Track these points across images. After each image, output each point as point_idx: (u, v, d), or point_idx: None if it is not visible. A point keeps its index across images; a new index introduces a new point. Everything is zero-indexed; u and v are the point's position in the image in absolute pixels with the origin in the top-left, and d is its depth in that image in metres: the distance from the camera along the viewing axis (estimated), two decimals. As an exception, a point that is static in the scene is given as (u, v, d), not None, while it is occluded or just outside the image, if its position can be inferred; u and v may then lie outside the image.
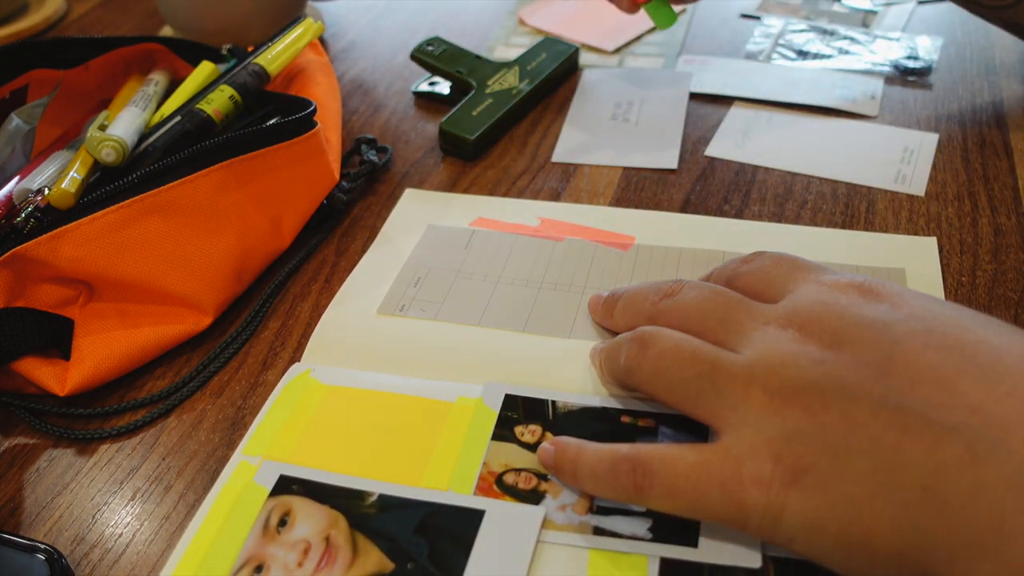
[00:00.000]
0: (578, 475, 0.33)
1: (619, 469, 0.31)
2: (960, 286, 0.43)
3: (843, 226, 0.47)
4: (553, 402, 0.37)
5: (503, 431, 0.36)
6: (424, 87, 0.64)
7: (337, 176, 0.51)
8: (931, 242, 0.45)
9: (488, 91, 0.58)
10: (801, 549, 0.28)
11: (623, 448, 0.31)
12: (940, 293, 0.42)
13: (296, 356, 0.42)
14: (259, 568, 0.32)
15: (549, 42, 0.64)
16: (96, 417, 0.40)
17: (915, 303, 0.30)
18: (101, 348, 0.41)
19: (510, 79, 0.60)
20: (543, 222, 0.49)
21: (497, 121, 0.56)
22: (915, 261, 0.44)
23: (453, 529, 0.33)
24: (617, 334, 0.39)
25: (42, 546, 0.33)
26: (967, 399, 0.26)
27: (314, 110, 0.47)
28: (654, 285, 0.37)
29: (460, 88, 0.61)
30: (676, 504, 0.30)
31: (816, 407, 0.28)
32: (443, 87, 0.63)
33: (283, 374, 0.41)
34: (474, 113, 0.56)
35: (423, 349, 0.41)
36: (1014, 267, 0.44)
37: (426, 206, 0.51)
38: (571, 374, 0.39)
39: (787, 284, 0.34)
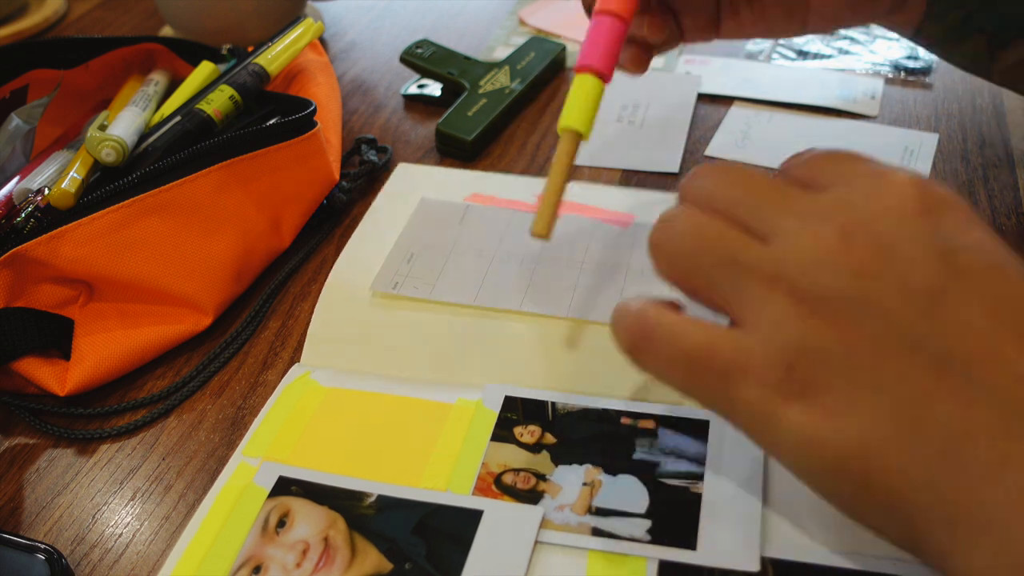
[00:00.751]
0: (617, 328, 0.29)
1: (625, 321, 0.29)
2: (960, 286, 0.43)
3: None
4: (553, 403, 0.37)
5: (502, 432, 0.36)
6: (413, 89, 0.63)
7: (337, 176, 0.51)
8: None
9: (481, 91, 0.58)
10: (787, 461, 0.26)
11: (637, 303, 0.29)
12: None
13: (296, 356, 0.42)
14: (257, 569, 0.32)
15: (537, 41, 0.64)
16: (96, 417, 0.40)
17: (982, 233, 0.27)
18: (101, 348, 0.41)
19: (502, 79, 0.60)
20: (539, 198, 0.48)
21: (493, 121, 0.56)
22: None
23: (451, 529, 0.33)
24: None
25: (42, 546, 0.33)
26: (1016, 367, 0.24)
27: (314, 110, 0.47)
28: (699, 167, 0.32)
29: (451, 89, 0.61)
30: (669, 378, 0.28)
31: (846, 324, 0.25)
32: (433, 89, 0.63)
33: (283, 374, 0.41)
34: (469, 114, 0.56)
35: (423, 342, 0.41)
36: (1014, 267, 0.44)
37: (419, 180, 0.51)
38: (572, 373, 0.39)
39: (840, 174, 0.28)
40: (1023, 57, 0.43)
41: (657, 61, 0.65)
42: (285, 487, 0.35)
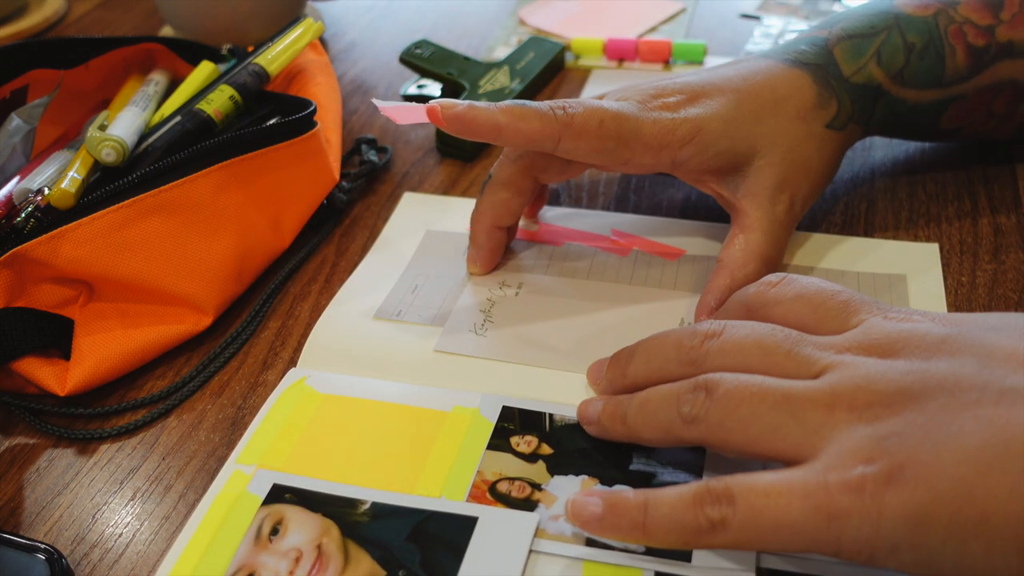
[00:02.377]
0: (650, 526, 0.29)
1: (703, 502, 0.28)
2: (960, 286, 0.43)
3: (843, 226, 0.47)
4: (551, 415, 0.37)
5: (498, 441, 0.36)
6: (413, 90, 0.64)
7: (337, 176, 0.51)
8: (933, 248, 0.45)
9: (481, 91, 0.58)
10: (908, 557, 0.26)
11: (692, 484, 0.29)
12: (942, 299, 0.42)
13: (296, 356, 0.42)
14: None
15: (536, 41, 0.64)
16: (96, 417, 0.40)
17: (994, 316, 0.30)
18: (101, 348, 0.41)
19: (501, 79, 0.60)
20: (542, 227, 0.49)
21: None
22: (917, 267, 0.44)
23: (445, 536, 0.33)
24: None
25: (42, 546, 0.33)
26: None
27: (314, 110, 0.47)
28: (682, 330, 0.34)
29: (451, 90, 0.61)
30: (760, 530, 0.27)
31: (911, 409, 0.27)
32: (433, 89, 0.63)
33: (283, 374, 0.41)
34: (471, 114, 0.56)
35: (419, 358, 0.41)
36: (1014, 267, 0.44)
37: (425, 210, 0.51)
38: (570, 386, 0.39)
39: (848, 317, 0.32)
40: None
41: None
42: (279, 495, 0.35)
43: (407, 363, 0.41)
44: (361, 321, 0.43)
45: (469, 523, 0.33)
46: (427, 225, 0.50)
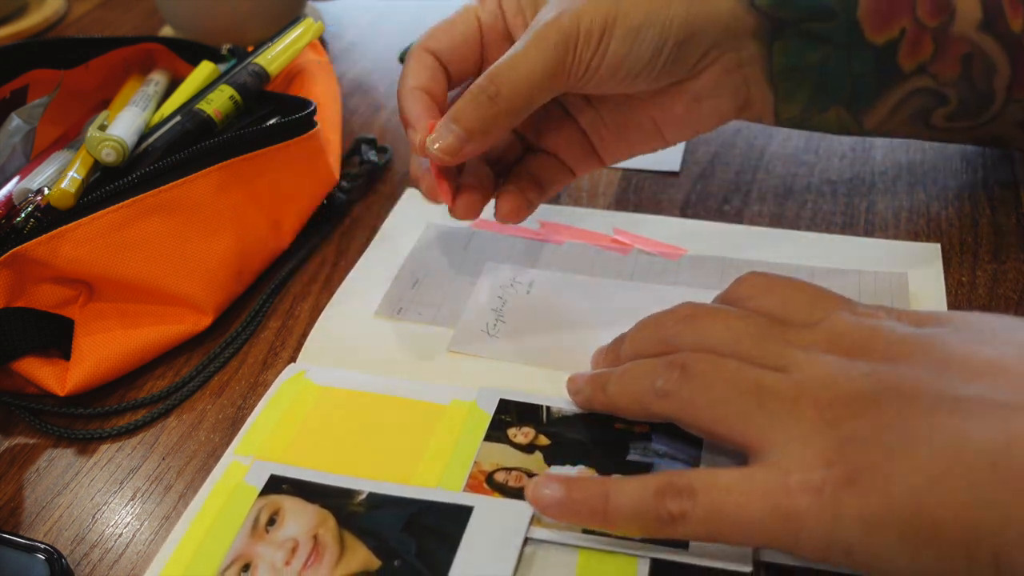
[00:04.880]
0: (611, 513, 0.30)
1: (664, 495, 0.29)
2: (960, 286, 0.43)
3: (843, 226, 0.47)
4: (548, 407, 0.37)
5: (495, 432, 0.36)
6: None
7: (337, 176, 0.51)
8: (934, 248, 0.45)
9: None
10: (862, 559, 0.26)
11: (655, 475, 0.30)
12: (943, 298, 0.42)
13: (296, 356, 0.42)
14: (246, 567, 0.32)
15: None
16: (96, 417, 0.40)
17: (958, 315, 0.30)
18: (101, 348, 0.41)
19: None
20: (543, 225, 0.49)
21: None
22: (918, 266, 0.44)
23: (441, 526, 0.33)
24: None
25: (42, 546, 0.33)
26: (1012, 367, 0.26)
27: (314, 110, 0.47)
28: (662, 313, 0.35)
29: None
30: (720, 525, 0.28)
31: (870, 413, 0.27)
32: None
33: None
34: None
35: (421, 362, 0.41)
36: (1014, 267, 0.44)
37: (426, 206, 0.51)
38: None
39: (814, 311, 0.32)
40: (893, 106, 0.43)
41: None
42: (276, 485, 0.35)
43: (410, 367, 0.41)
44: (362, 320, 0.43)
45: (464, 513, 0.33)
46: (428, 220, 0.50)
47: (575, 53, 0.37)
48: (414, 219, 0.50)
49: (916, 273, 0.43)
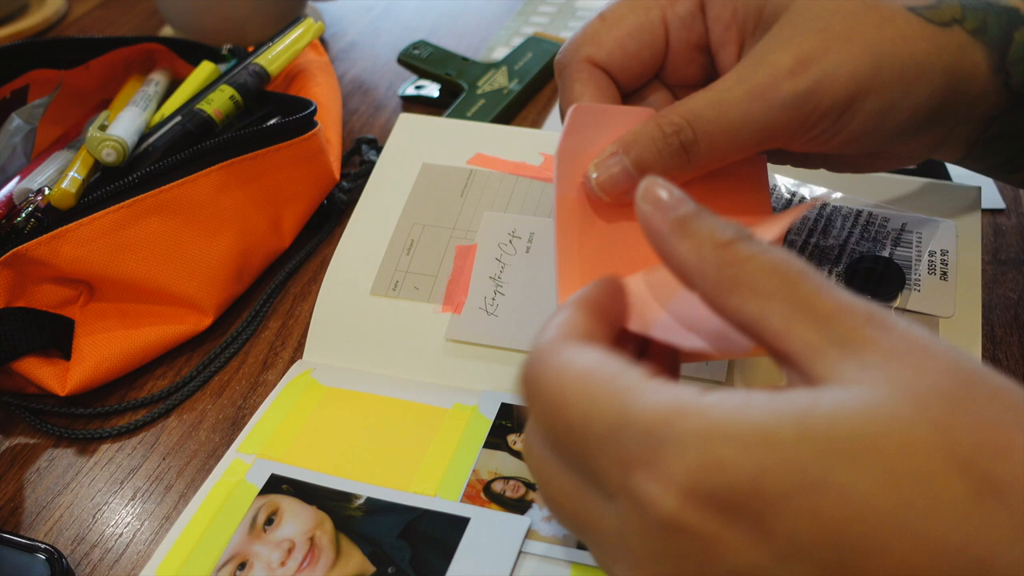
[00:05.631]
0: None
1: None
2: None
3: (843, 226, 0.47)
4: None
5: (495, 439, 0.36)
6: (411, 91, 0.63)
7: (337, 176, 0.51)
8: (975, 191, 0.42)
9: (479, 92, 0.58)
10: None
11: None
12: (977, 258, 0.39)
13: (296, 356, 0.42)
14: (242, 565, 0.32)
15: (534, 41, 0.64)
16: (96, 417, 0.40)
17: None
18: (101, 348, 0.41)
19: (500, 79, 0.60)
20: (547, 158, 0.46)
21: (491, 121, 0.56)
22: (957, 211, 0.41)
23: (437, 535, 0.33)
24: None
25: (42, 546, 0.33)
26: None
27: (314, 110, 0.47)
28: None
29: (449, 90, 0.61)
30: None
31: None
32: (431, 90, 0.63)
33: (283, 374, 0.41)
34: (468, 114, 0.56)
35: (419, 346, 0.41)
36: (1014, 267, 0.44)
37: (422, 136, 0.48)
38: None
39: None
40: None
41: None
42: (276, 485, 0.35)
43: (409, 362, 0.40)
44: (359, 300, 0.42)
45: (461, 523, 0.33)
46: (423, 157, 0.47)
47: (807, 122, 0.30)
48: (409, 156, 0.47)
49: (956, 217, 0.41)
